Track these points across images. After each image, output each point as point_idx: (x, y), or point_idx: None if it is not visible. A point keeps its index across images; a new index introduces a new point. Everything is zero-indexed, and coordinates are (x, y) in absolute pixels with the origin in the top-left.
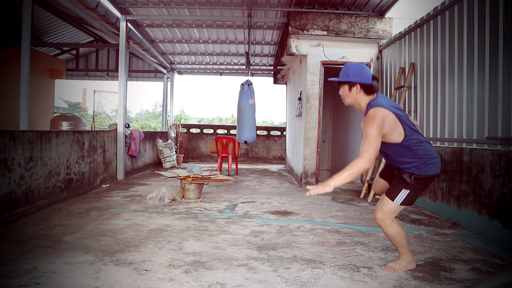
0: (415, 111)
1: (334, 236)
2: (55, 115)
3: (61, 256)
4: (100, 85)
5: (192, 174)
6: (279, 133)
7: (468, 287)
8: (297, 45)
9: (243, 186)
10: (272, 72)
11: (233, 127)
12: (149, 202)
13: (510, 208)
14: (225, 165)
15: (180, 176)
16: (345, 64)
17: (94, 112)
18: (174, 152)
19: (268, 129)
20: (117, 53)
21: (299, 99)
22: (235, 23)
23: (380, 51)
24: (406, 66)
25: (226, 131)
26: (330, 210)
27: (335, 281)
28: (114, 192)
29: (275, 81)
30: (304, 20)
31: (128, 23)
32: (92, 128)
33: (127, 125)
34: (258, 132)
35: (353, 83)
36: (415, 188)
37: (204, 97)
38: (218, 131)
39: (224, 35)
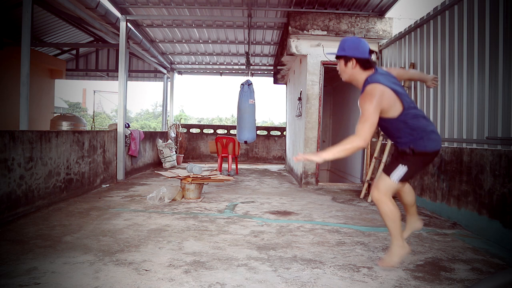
0: None
1: (334, 236)
2: (55, 115)
3: (61, 256)
4: (100, 85)
5: (192, 174)
6: (279, 133)
7: (468, 287)
8: (297, 45)
9: (243, 186)
10: (272, 72)
11: (233, 127)
12: (149, 202)
13: (510, 208)
14: (225, 165)
15: (180, 176)
16: (343, 38)
17: (94, 112)
18: (174, 152)
19: (268, 129)
20: (117, 53)
21: (299, 99)
22: (235, 23)
23: (380, 51)
24: (406, 66)
25: (226, 131)
26: (330, 210)
27: (335, 281)
28: (114, 192)
29: (275, 81)
30: (304, 20)
31: (128, 23)
32: (92, 128)
33: (127, 125)
34: (258, 132)
35: (349, 57)
36: (413, 165)
37: (204, 97)
38: (218, 131)
39: (224, 35)
